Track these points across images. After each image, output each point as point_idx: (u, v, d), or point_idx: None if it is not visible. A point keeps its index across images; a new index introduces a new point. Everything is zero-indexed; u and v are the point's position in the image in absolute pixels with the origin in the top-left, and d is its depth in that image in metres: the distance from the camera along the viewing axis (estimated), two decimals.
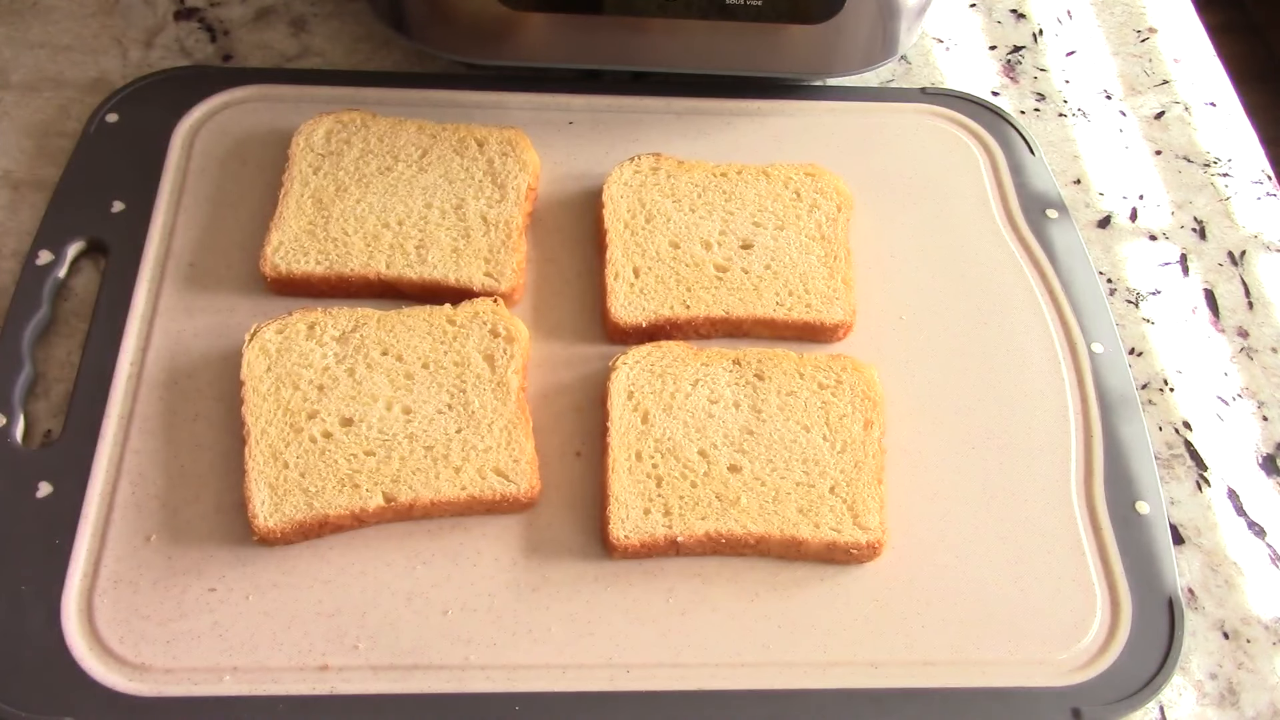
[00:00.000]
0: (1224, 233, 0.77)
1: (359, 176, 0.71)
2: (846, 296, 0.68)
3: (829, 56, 0.76)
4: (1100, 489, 0.63)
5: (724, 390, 0.63)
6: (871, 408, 0.63)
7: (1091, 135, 0.82)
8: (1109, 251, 0.75)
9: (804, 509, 0.59)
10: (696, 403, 0.62)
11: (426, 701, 0.54)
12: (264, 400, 0.61)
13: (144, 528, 0.59)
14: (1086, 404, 0.66)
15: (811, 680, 0.56)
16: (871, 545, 0.59)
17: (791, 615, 0.58)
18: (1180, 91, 0.85)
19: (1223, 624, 0.60)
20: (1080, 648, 0.58)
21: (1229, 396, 0.69)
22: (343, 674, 0.55)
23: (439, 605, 0.57)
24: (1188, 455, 0.66)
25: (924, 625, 0.58)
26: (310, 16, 0.84)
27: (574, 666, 0.56)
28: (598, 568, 0.59)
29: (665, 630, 0.57)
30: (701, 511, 0.59)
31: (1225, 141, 0.82)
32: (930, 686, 0.56)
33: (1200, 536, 0.63)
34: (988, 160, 0.78)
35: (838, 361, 0.65)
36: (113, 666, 0.55)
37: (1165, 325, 0.72)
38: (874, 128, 0.79)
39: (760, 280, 0.68)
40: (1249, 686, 0.58)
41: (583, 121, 0.78)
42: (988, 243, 0.73)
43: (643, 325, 0.66)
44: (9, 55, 0.80)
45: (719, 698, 0.55)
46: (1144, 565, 0.60)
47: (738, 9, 0.72)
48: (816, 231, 0.70)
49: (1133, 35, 0.89)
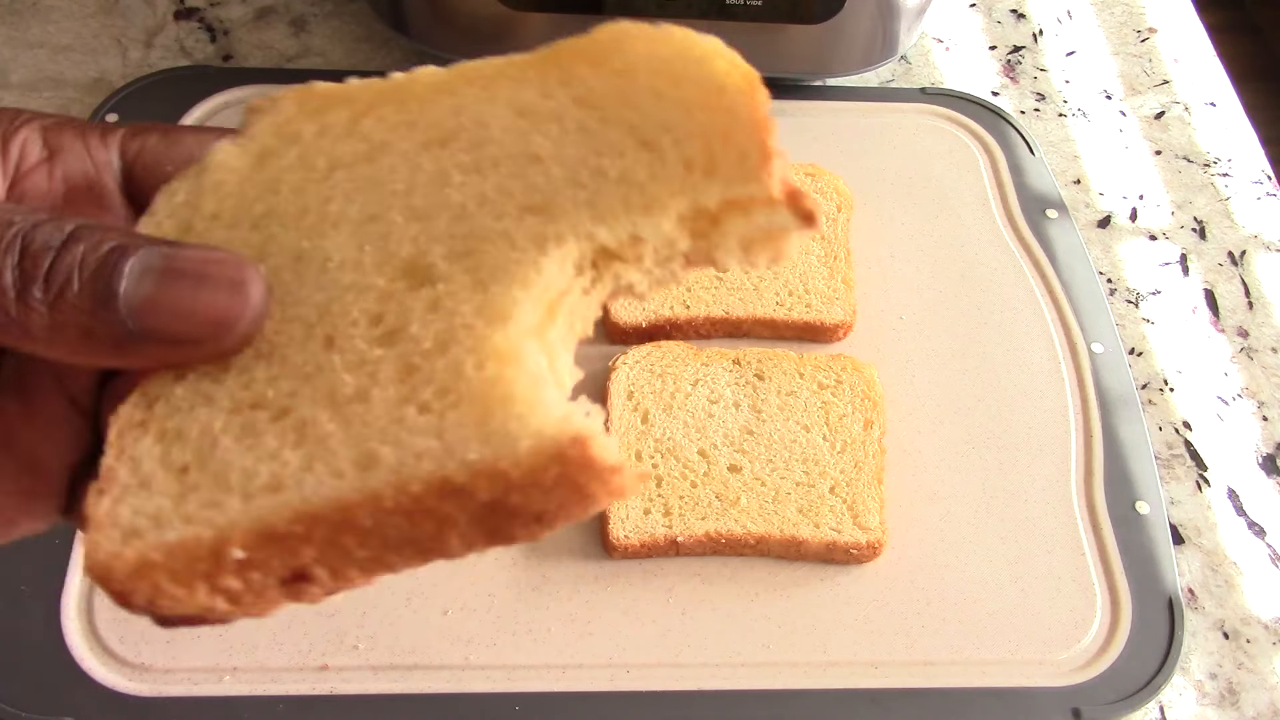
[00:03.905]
0: (1224, 233, 0.77)
1: None
2: (846, 296, 0.68)
3: (829, 56, 0.76)
4: (1100, 489, 0.63)
5: (724, 390, 0.63)
6: (871, 408, 0.63)
7: (1091, 135, 0.82)
8: (1109, 251, 0.75)
9: (804, 509, 0.59)
10: (696, 403, 0.63)
11: (426, 701, 0.54)
12: None
13: None
14: (1086, 404, 0.66)
15: (811, 680, 0.56)
16: (871, 545, 0.59)
17: (791, 615, 0.58)
18: (1180, 91, 0.85)
19: (1223, 624, 0.60)
20: (1080, 648, 0.58)
21: (1229, 396, 0.69)
22: (342, 674, 0.55)
23: (439, 605, 0.57)
24: (1188, 455, 0.66)
25: (924, 625, 0.58)
26: (310, 16, 0.84)
27: (574, 666, 0.56)
28: (598, 568, 0.59)
29: (665, 630, 0.57)
30: (701, 511, 0.59)
31: (1225, 141, 0.82)
32: (930, 686, 0.56)
33: (1200, 536, 0.63)
34: (988, 160, 0.78)
35: (838, 361, 0.65)
36: (113, 666, 0.55)
37: (1165, 325, 0.72)
38: (874, 128, 0.79)
39: (760, 280, 0.68)
40: (1249, 686, 0.58)
41: None
42: (988, 243, 0.73)
43: (642, 325, 0.66)
44: (9, 55, 0.80)
45: (719, 697, 0.55)
46: (1144, 565, 0.60)
47: (737, 9, 0.72)
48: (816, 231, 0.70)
49: (1133, 35, 0.89)
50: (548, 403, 0.28)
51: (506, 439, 0.27)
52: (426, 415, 0.28)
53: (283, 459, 0.29)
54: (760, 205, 0.30)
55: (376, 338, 0.30)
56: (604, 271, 0.31)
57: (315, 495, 0.28)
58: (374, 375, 0.29)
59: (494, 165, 0.31)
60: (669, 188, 0.30)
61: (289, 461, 0.29)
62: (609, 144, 0.31)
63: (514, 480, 0.26)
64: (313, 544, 0.28)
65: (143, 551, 0.28)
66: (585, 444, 0.26)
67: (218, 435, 0.30)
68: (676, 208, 0.30)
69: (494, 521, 0.27)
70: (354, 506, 0.27)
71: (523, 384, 0.28)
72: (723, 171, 0.30)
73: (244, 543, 0.28)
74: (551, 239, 0.30)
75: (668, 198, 0.30)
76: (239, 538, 0.28)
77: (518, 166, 0.31)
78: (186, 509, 0.29)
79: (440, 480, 0.27)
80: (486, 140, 0.32)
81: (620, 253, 0.30)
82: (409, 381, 0.29)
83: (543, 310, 0.30)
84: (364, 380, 0.29)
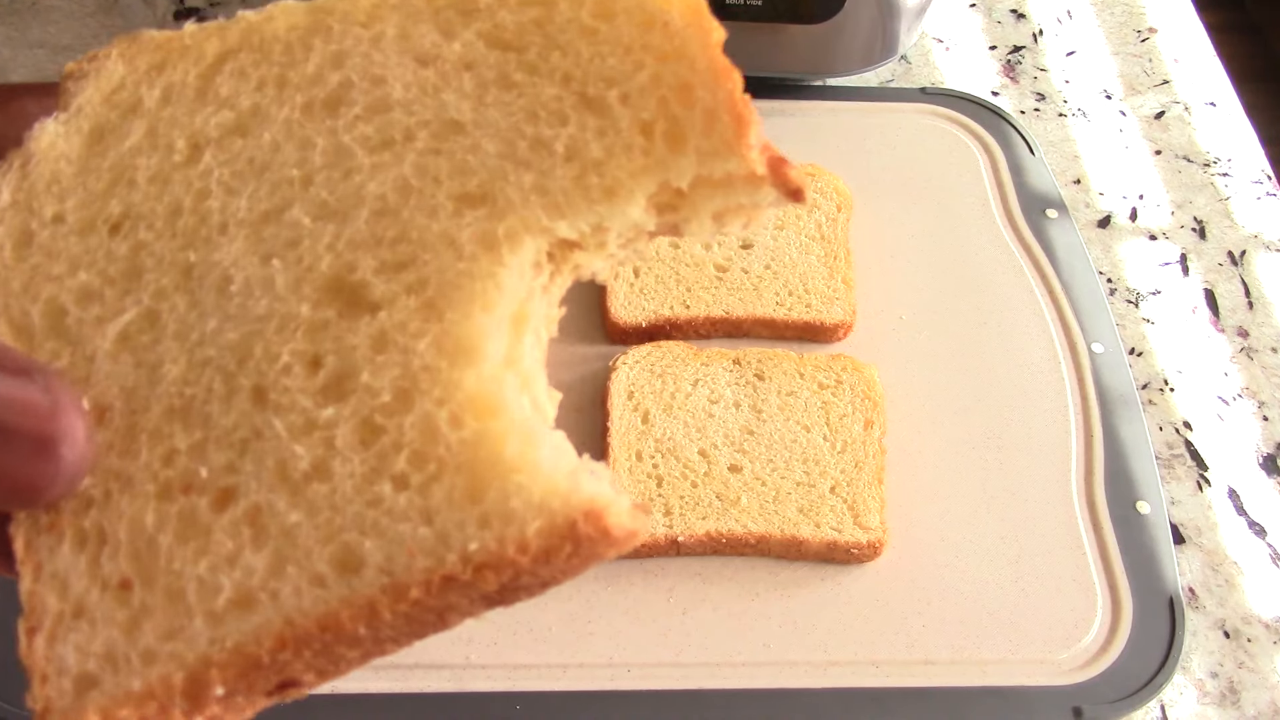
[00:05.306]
0: (1224, 232, 0.77)
1: None
2: (846, 296, 0.68)
3: (829, 56, 0.76)
4: (1101, 489, 0.63)
5: (724, 390, 0.63)
6: (872, 407, 0.63)
7: (1091, 135, 0.82)
8: (1109, 251, 0.75)
9: (804, 509, 0.59)
10: (697, 403, 0.62)
11: (427, 700, 0.54)
12: None
13: None
14: (1087, 404, 0.66)
15: (812, 679, 0.56)
16: (872, 545, 0.59)
17: (792, 615, 0.58)
18: (1180, 91, 0.85)
19: (1223, 623, 0.60)
20: (1081, 647, 0.58)
21: (1229, 396, 0.69)
22: None
23: None
24: (1188, 455, 0.66)
25: (924, 624, 0.58)
26: None
27: (575, 666, 0.56)
28: (598, 567, 0.59)
29: (665, 629, 0.57)
30: (702, 511, 0.59)
31: (1225, 141, 0.82)
32: (931, 686, 0.56)
33: (1201, 536, 0.63)
34: (988, 160, 0.78)
35: (838, 361, 0.65)
36: None
37: (1165, 325, 0.72)
38: (874, 128, 0.79)
39: (760, 280, 0.68)
40: (1250, 685, 0.58)
41: None
42: (988, 242, 0.73)
43: (643, 325, 0.66)
44: (9, 55, 0.80)
45: (719, 697, 0.55)
46: (1145, 565, 0.60)
47: (738, 9, 0.72)
48: (816, 231, 0.70)
49: (1133, 35, 0.89)
50: (547, 464, 0.23)
51: (510, 520, 0.22)
52: (406, 493, 0.23)
53: (245, 564, 0.23)
54: (741, 182, 0.24)
55: (320, 389, 0.24)
56: (562, 264, 0.26)
57: (298, 612, 0.23)
58: (329, 443, 0.23)
59: (406, 138, 0.25)
60: (629, 165, 0.25)
61: (254, 568, 0.23)
62: (543, 104, 0.25)
63: (524, 566, 0.22)
64: (302, 660, 0.23)
65: (105, 708, 0.23)
66: (601, 517, 0.22)
67: (153, 534, 0.23)
68: (643, 190, 0.25)
69: (499, 598, 0.24)
70: (346, 620, 0.23)
71: (513, 441, 0.23)
72: (692, 142, 0.24)
73: (224, 679, 0.23)
74: (504, 240, 0.24)
75: (631, 179, 0.25)
76: (217, 675, 0.23)
77: (436, 138, 0.25)
78: (144, 642, 0.23)
79: (441, 579, 0.22)
80: (387, 103, 0.26)
81: (581, 242, 0.26)
82: (374, 448, 0.23)
83: (509, 331, 0.25)
84: (319, 450, 0.23)
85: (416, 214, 0.25)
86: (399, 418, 0.23)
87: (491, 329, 0.24)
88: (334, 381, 0.24)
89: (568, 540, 0.22)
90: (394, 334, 0.24)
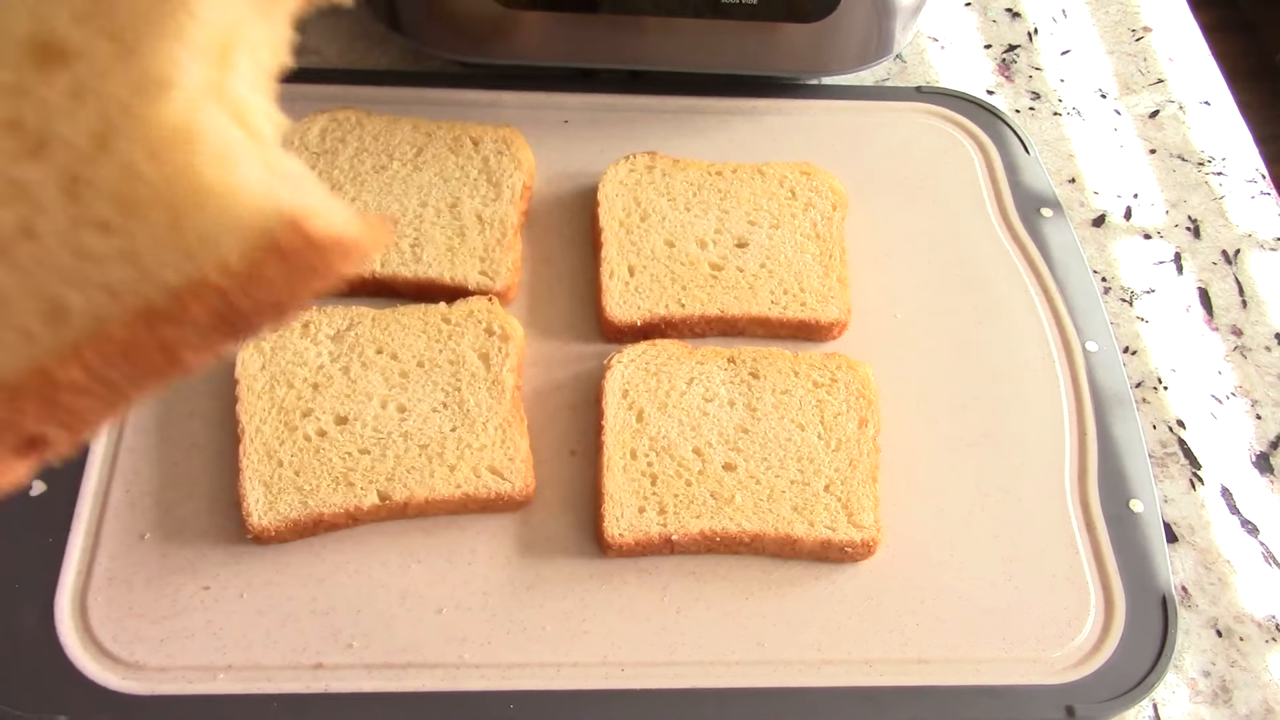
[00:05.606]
0: (1218, 231, 0.77)
1: (354, 175, 0.71)
2: (841, 295, 0.68)
3: (824, 55, 0.76)
4: (1094, 487, 0.63)
5: (719, 388, 0.63)
6: (866, 406, 0.63)
7: (1086, 134, 0.82)
8: (1103, 250, 0.76)
9: (799, 507, 0.59)
10: (691, 401, 0.63)
11: (421, 700, 0.54)
12: (258, 399, 0.61)
13: (138, 526, 0.59)
14: (1081, 402, 0.66)
15: (806, 678, 0.56)
16: (866, 543, 0.59)
17: (786, 613, 0.58)
18: (1174, 90, 0.85)
19: (1216, 622, 0.60)
20: (1074, 645, 0.58)
21: (1222, 395, 0.69)
22: (337, 672, 0.55)
23: (433, 603, 0.57)
24: (1181, 453, 0.66)
25: (918, 623, 0.58)
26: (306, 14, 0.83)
27: (569, 665, 0.56)
28: (592, 566, 0.59)
29: (660, 628, 0.57)
30: (696, 510, 0.59)
31: (1219, 140, 0.82)
32: (924, 684, 0.56)
33: (1194, 534, 0.63)
34: (983, 159, 0.78)
35: (832, 360, 0.65)
36: (106, 665, 0.54)
37: (1159, 324, 0.72)
38: (869, 126, 0.79)
39: (755, 279, 0.68)
40: (1242, 684, 0.58)
41: (578, 120, 0.78)
42: (983, 241, 0.73)
43: (638, 324, 0.66)
44: None
45: (714, 695, 0.55)
46: (1137, 563, 0.60)
47: (733, 8, 0.72)
48: (811, 230, 0.70)
49: (1127, 34, 0.89)
50: (248, 183, 0.22)
51: (206, 244, 0.22)
52: (110, 237, 0.22)
53: None
54: None
55: (25, 151, 0.23)
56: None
57: (8, 368, 0.22)
58: (35, 202, 0.23)
59: None
60: None
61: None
62: None
63: (230, 288, 0.22)
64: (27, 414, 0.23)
65: None
66: (300, 224, 0.21)
67: None
68: None
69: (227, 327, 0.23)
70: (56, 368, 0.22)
71: (210, 166, 0.22)
72: None
73: None
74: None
75: None
76: None
77: None
78: None
79: (143, 313, 0.22)
80: None
81: None
82: (78, 198, 0.22)
83: (215, 58, 0.23)
84: (25, 210, 0.23)
85: None
86: (99, 164, 0.22)
87: (186, 59, 0.23)
88: (37, 143, 0.23)
89: (271, 254, 0.22)
90: (89, 80, 0.23)
